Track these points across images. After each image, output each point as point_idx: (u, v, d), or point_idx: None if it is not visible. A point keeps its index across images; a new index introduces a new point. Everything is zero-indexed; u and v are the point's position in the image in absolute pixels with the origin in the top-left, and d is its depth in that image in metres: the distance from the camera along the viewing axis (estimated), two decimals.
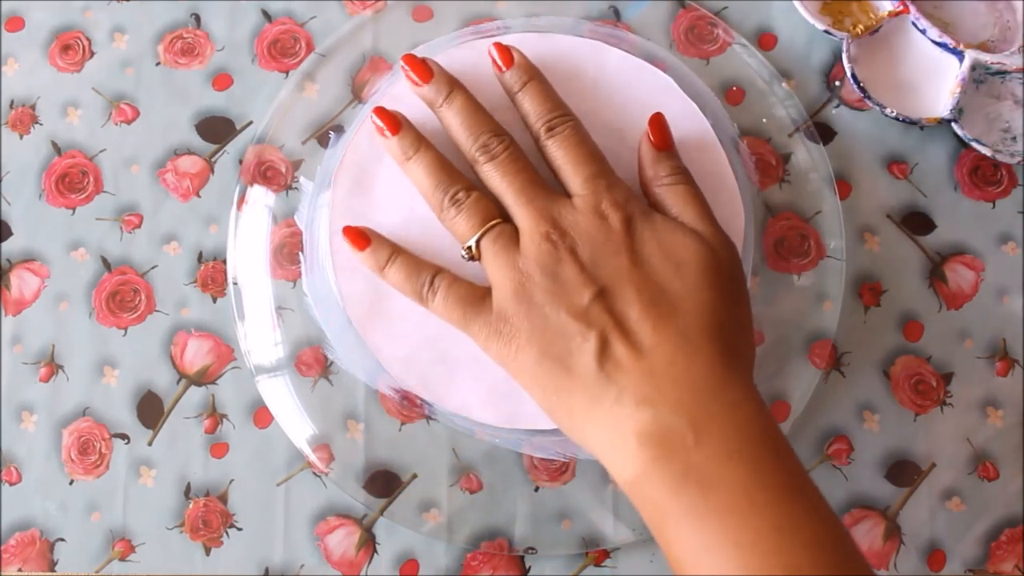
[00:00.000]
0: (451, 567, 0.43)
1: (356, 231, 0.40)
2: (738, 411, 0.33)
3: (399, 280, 0.39)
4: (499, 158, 0.38)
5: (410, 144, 0.39)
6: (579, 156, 0.38)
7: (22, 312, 0.45)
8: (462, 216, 0.38)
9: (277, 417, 0.43)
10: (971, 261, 0.46)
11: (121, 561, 0.43)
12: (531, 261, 0.36)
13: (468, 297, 0.37)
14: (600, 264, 0.36)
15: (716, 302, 0.36)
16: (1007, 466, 0.44)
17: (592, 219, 0.37)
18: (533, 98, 0.39)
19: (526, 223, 0.37)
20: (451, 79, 0.40)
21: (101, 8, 0.49)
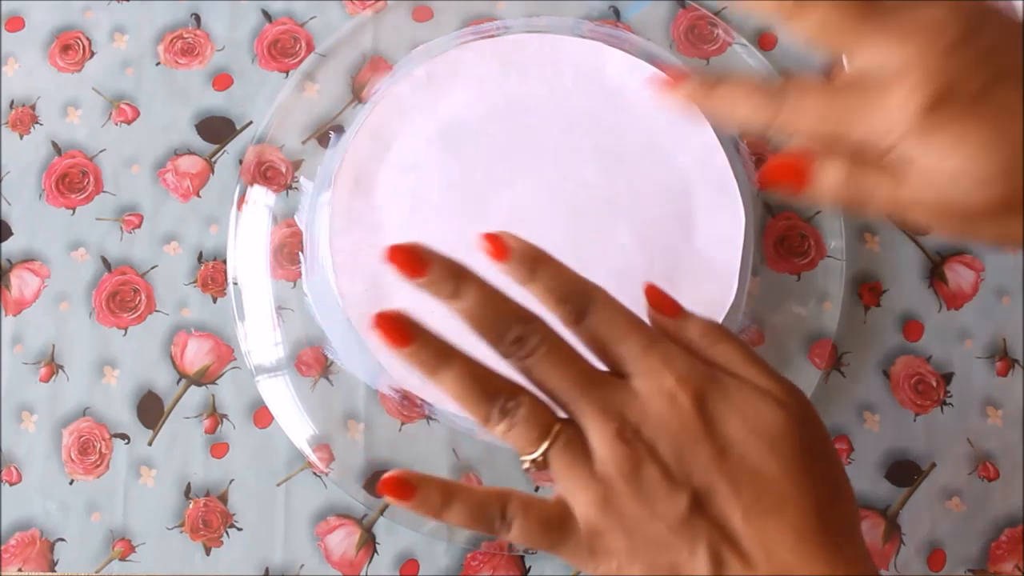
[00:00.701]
0: (451, 567, 0.43)
1: (398, 482, 0.33)
2: None
3: (463, 521, 0.33)
4: (538, 353, 0.33)
5: (433, 355, 0.33)
6: (622, 330, 0.34)
7: (22, 312, 0.45)
8: (518, 429, 0.33)
9: (277, 417, 0.43)
10: (971, 261, 0.46)
11: (121, 561, 0.43)
12: (610, 467, 0.32)
13: (550, 520, 0.33)
14: (685, 459, 0.32)
15: (818, 481, 0.32)
16: (1007, 466, 0.44)
17: (660, 404, 0.32)
18: (547, 284, 0.34)
19: (592, 424, 0.33)
20: (455, 268, 0.33)
21: (101, 8, 0.49)
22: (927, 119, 0.30)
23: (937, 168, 0.30)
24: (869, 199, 0.32)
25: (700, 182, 0.42)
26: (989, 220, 0.31)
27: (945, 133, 0.30)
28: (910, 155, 0.30)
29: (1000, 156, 0.30)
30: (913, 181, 0.31)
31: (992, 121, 0.30)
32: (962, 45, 0.30)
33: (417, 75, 0.44)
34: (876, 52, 0.31)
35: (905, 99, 0.30)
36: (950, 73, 0.30)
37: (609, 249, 0.41)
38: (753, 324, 0.43)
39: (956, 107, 0.29)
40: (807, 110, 0.32)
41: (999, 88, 0.30)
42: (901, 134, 0.30)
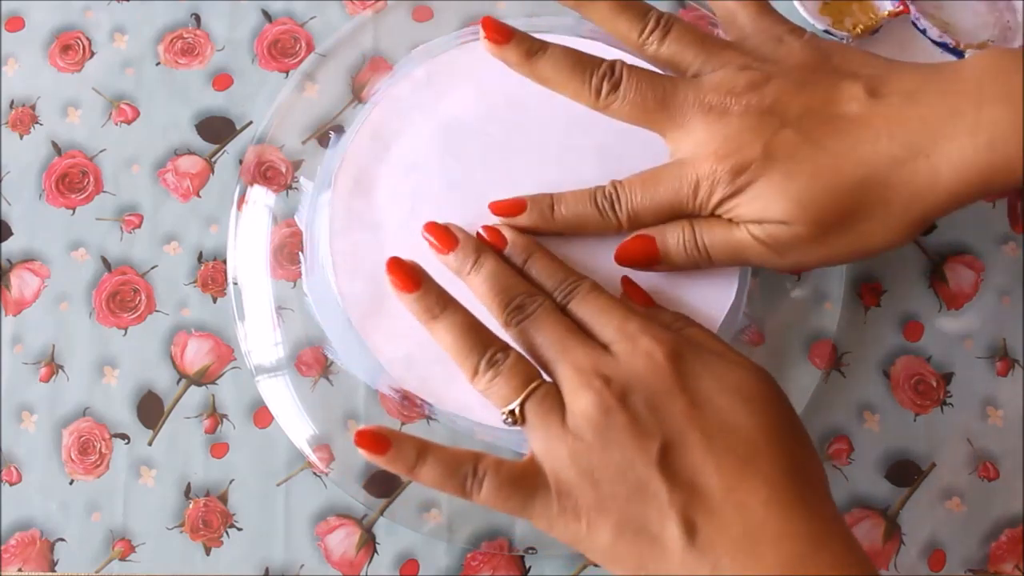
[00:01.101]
0: (451, 567, 0.43)
1: (373, 436, 0.34)
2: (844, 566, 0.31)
3: (435, 478, 0.34)
4: (533, 315, 0.36)
5: (434, 303, 0.36)
6: (604, 307, 0.36)
7: (22, 312, 0.45)
8: (500, 379, 0.34)
9: (277, 417, 0.43)
10: (971, 261, 0.46)
11: (121, 561, 0.43)
12: (580, 419, 0.33)
13: (520, 478, 0.33)
14: (658, 410, 0.33)
15: (790, 438, 0.33)
16: (1007, 466, 0.44)
17: (636, 361, 0.34)
18: (539, 273, 0.38)
19: (566, 375, 0.34)
20: (478, 244, 0.38)
21: (101, 8, 0.49)
22: (732, 184, 0.35)
23: (755, 216, 0.36)
24: (711, 250, 0.37)
25: None
26: (809, 249, 0.36)
27: (750, 191, 0.35)
28: (732, 212, 0.36)
29: (793, 198, 0.35)
30: (742, 228, 0.36)
31: (781, 172, 0.35)
32: (744, 112, 0.36)
33: (417, 75, 0.44)
34: (679, 136, 0.37)
35: (711, 173, 0.36)
36: (738, 140, 0.35)
37: (609, 249, 0.41)
38: (753, 324, 0.43)
39: (751, 168, 0.35)
40: (643, 204, 0.37)
41: (781, 138, 0.35)
42: (718, 199, 0.36)
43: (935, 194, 0.34)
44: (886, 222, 0.35)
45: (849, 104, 0.35)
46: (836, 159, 0.35)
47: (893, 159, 0.34)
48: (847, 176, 0.35)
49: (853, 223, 0.35)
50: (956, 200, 0.35)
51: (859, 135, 0.35)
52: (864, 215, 0.35)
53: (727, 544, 0.31)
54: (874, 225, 0.35)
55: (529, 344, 0.36)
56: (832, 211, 0.35)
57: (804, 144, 0.35)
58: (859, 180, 0.34)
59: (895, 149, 0.34)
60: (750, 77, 0.36)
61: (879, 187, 0.34)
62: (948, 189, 0.34)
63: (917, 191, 0.34)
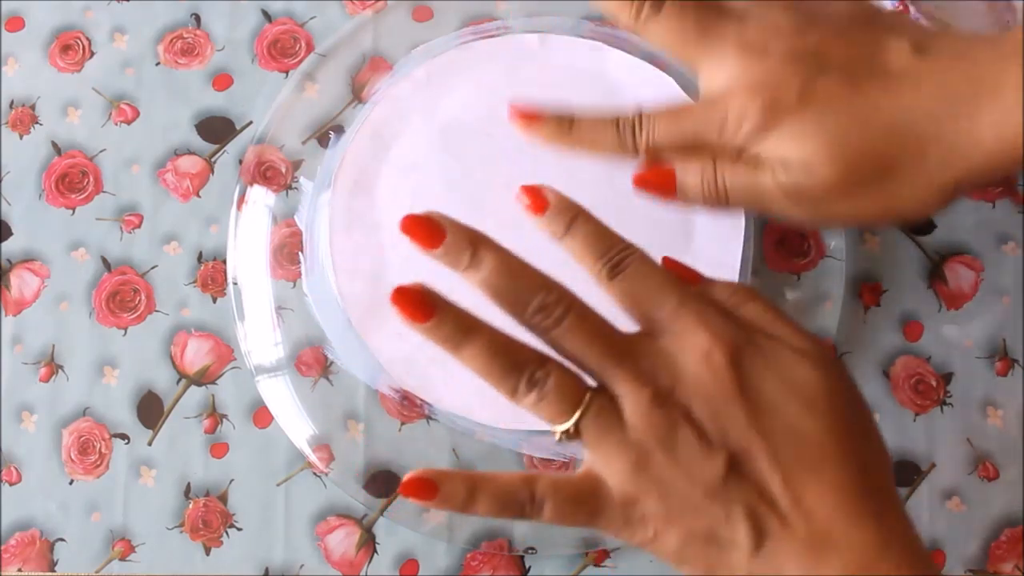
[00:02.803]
0: (451, 567, 0.43)
1: (419, 483, 0.32)
2: (907, 570, 0.31)
3: (491, 511, 0.32)
4: (565, 322, 0.32)
5: (454, 329, 0.32)
6: (657, 287, 0.33)
7: (22, 312, 0.45)
8: (547, 402, 0.32)
9: (277, 417, 0.43)
10: (971, 261, 0.46)
11: (121, 561, 0.43)
12: (644, 433, 0.31)
13: (581, 494, 0.32)
14: (721, 420, 0.31)
15: (857, 439, 0.32)
16: (1007, 466, 0.44)
17: (694, 364, 0.32)
18: (584, 240, 0.34)
19: (625, 390, 0.32)
20: (472, 235, 0.33)
21: (101, 8, 0.49)
22: (762, 121, 0.34)
23: (780, 159, 0.34)
24: (730, 191, 0.36)
25: None
26: (834, 200, 0.35)
27: (779, 130, 0.34)
28: (758, 151, 0.35)
29: (825, 142, 0.34)
30: (766, 171, 0.35)
31: (815, 115, 0.34)
32: (784, 53, 0.35)
33: (417, 75, 0.44)
34: (714, 69, 0.36)
35: (742, 108, 0.34)
36: (775, 79, 0.34)
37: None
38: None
39: (784, 107, 0.34)
40: (664, 135, 0.36)
41: (821, 83, 0.34)
42: (745, 137, 0.35)
43: (973, 156, 0.33)
44: (917, 181, 0.34)
45: (894, 57, 0.34)
46: (875, 108, 0.34)
47: (934, 114, 0.33)
48: (883, 125, 0.34)
49: (885, 177, 0.34)
50: (994, 166, 0.34)
51: (901, 88, 0.34)
52: (896, 170, 0.34)
53: (792, 552, 0.31)
54: (906, 183, 0.34)
55: (567, 353, 0.33)
56: (863, 160, 0.34)
57: (843, 90, 0.34)
58: (896, 131, 0.34)
59: (937, 105, 0.33)
60: (794, 21, 0.35)
61: (916, 141, 0.33)
62: (987, 152, 0.33)
63: (955, 150, 0.33)
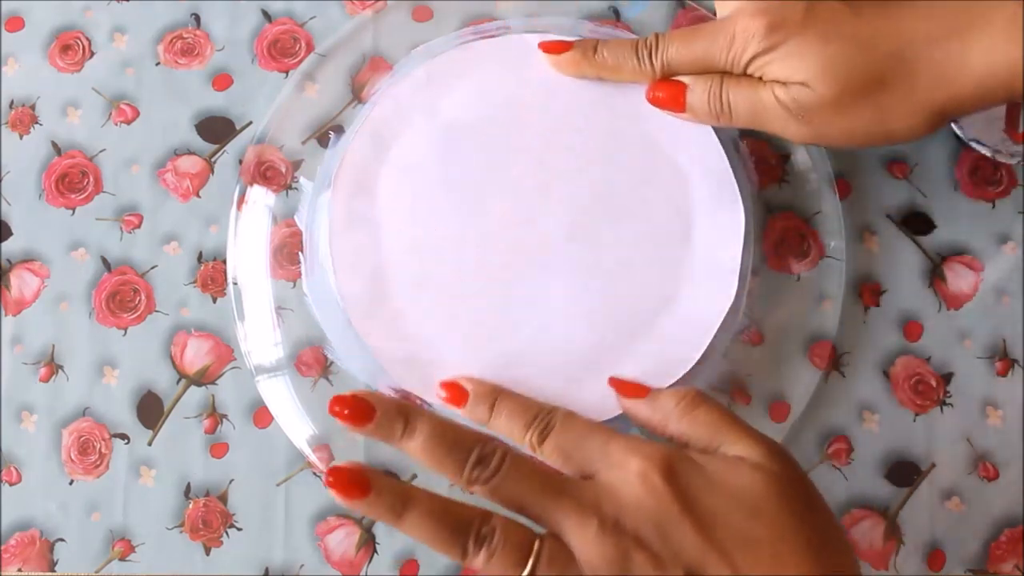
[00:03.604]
0: (451, 567, 0.43)
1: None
2: None
3: None
4: (502, 469, 0.33)
5: (394, 501, 0.33)
6: (582, 434, 0.34)
7: (22, 312, 0.45)
8: (498, 557, 0.32)
9: (277, 417, 0.43)
10: (971, 261, 0.46)
11: (121, 561, 0.43)
12: (599, 568, 0.31)
13: None
14: (671, 539, 0.32)
15: (811, 528, 0.33)
16: (1007, 466, 0.44)
17: (633, 489, 0.32)
18: (510, 415, 0.36)
19: (571, 526, 0.32)
20: (402, 406, 0.34)
21: (101, 8, 0.49)
22: (766, 40, 0.37)
23: (782, 75, 0.37)
24: (733, 107, 0.39)
25: (700, 182, 0.42)
26: (829, 117, 0.37)
27: (782, 49, 0.37)
28: (762, 69, 0.38)
29: (824, 60, 0.36)
30: (768, 87, 0.38)
31: (817, 33, 0.37)
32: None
33: (417, 75, 0.44)
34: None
35: (748, 28, 0.37)
36: (781, 2, 0.37)
37: (609, 249, 0.41)
38: (753, 324, 0.43)
39: (788, 27, 0.37)
40: (677, 55, 0.40)
41: (823, 6, 0.37)
42: (751, 55, 0.38)
43: (962, 80, 0.36)
44: (909, 100, 0.36)
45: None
46: (873, 28, 0.36)
47: (928, 36, 0.36)
48: (881, 44, 0.36)
49: (877, 94, 0.36)
50: (981, 94, 0.36)
51: (900, 14, 0.36)
52: (890, 87, 0.36)
53: None
54: (897, 101, 0.37)
55: (509, 501, 0.33)
56: (858, 76, 0.36)
57: (844, 12, 0.37)
58: (892, 50, 0.36)
59: (932, 27, 0.36)
60: None
61: (910, 60, 0.36)
62: (976, 77, 0.35)
63: (946, 72, 0.36)
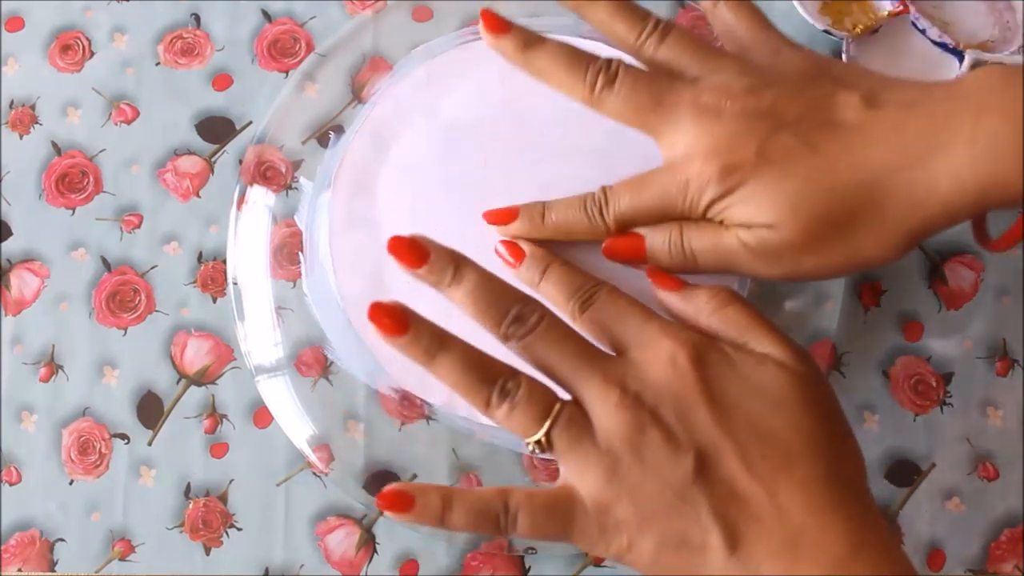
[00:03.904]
0: (451, 567, 0.43)
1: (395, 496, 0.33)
2: (884, 568, 0.31)
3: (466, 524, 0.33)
4: (538, 329, 0.34)
5: (429, 342, 0.33)
6: (621, 310, 0.35)
7: (22, 312, 0.45)
8: (518, 411, 0.33)
9: (277, 417, 0.43)
10: (971, 261, 0.46)
11: (121, 561, 0.43)
12: (613, 438, 0.32)
13: (554, 506, 0.33)
14: (689, 421, 0.32)
15: (827, 438, 0.33)
16: (1007, 466, 0.44)
17: (660, 369, 0.33)
18: (557, 282, 0.37)
19: (592, 396, 0.33)
20: (453, 254, 0.35)
21: (101, 8, 0.49)
22: (722, 184, 0.35)
23: (743, 220, 0.35)
24: (697, 254, 0.37)
25: None
26: (799, 257, 0.35)
27: (739, 192, 0.35)
28: (722, 214, 0.35)
29: (786, 201, 0.34)
30: (731, 232, 0.36)
31: (773, 175, 0.34)
32: (738, 114, 0.35)
33: (417, 75, 0.44)
34: (672, 135, 0.36)
35: (701, 173, 0.35)
36: (731, 141, 0.35)
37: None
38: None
39: (742, 169, 0.34)
40: (630, 207, 0.37)
41: (776, 142, 0.34)
42: (708, 200, 0.35)
43: (931, 205, 0.33)
44: (880, 232, 0.34)
45: (846, 112, 0.35)
46: (831, 163, 0.34)
47: (890, 166, 0.34)
48: (842, 180, 0.34)
49: (846, 231, 0.34)
50: (952, 213, 0.34)
51: (855, 141, 0.34)
52: (858, 223, 0.34)
53: (767, 552, 0.31)
54: (867, 234, 0.34)
55: (539, 361, 0.34)
56: (825, 216, 0.34)
57: (799, 147, 0.34)
58: (854, 185, 0.34)
59: (892, 156, 0.34)
60: (747, 82, 0.36)
61: (875, 194, 0.34)
62: (944, 200, 0.33)
63: (913, 200, 0.34)
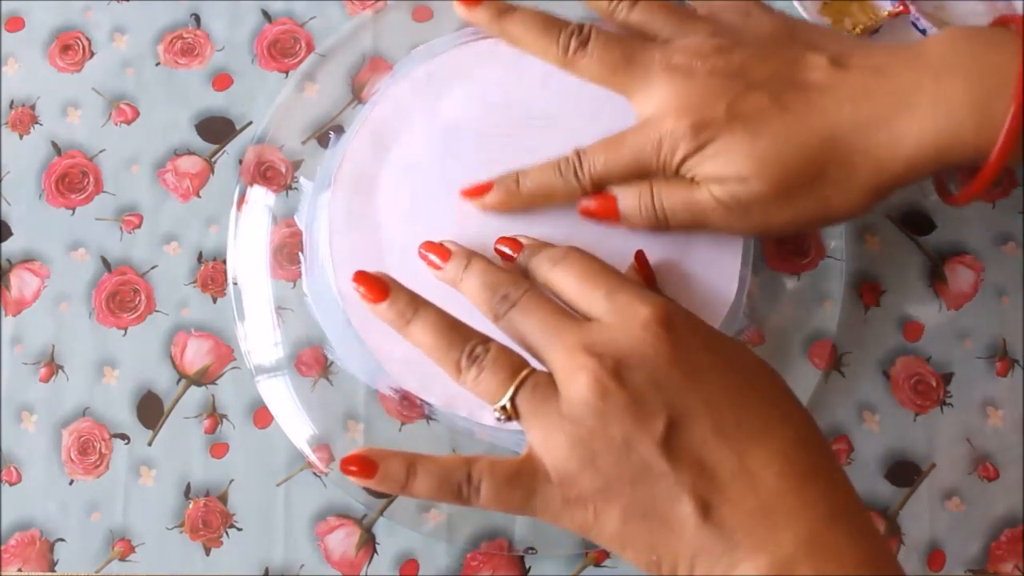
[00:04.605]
0: (451, 567, 0.43)
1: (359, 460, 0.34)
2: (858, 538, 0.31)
3: (429, 491, 0.33)
4: (519, 301, 0.34)
5: (405, 306, 0.35)
6: (587, 274, 0.35)
7: (22, 312, 0.45)
8: (486, 374, 0.33)
9: (277, 417, 0.43)
10: (971, 261, 0.46)
11: (121, 561, 0.43)
12: (576, 404, 0.31)
13: (517, 475, 0.32)
14: (658, 384, 0.31)
15: (797, 412, 0.33)
16: (1007, 466, 0.44)
17: (629, 331, 0.32)
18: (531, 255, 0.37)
19: (557, 359, 0.32)
20: (466, 251, 0.37)
21: (101, 8, 0.49)
22: (694, 140, 0.36)
23: (715, 175, 0.36)
24: (668, 211, 0.37)
25: None
26: (770, 209, 0.36)
27: (711, 148, 0.36)
28: (694, 170, 0.36)
29: (757, 156, 0.35)
30: (703, 187, 0.37)
31: (744, 131, 0.35)
32: (709, 72, 0.36)
33: (417, 75, 0.44)
34: (644, 94, 0.37)
35: (673, 129, 0.36)
36: (702, 98, 0.36)
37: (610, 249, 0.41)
38: (753, 324, 0.43)
39: (714, 125, 0.36)
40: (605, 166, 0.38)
41: (747, 100, 0.36)
42: (680, 157, 0.36)
43: (895, 162, 0.35)
44: (846, 186, 0.36)
45: (814, 73, 0.36)
46: (801, 121, 0.35)
47: (856, 125, 0.35)
48: (811, 136, 0.35)
49: (815, 185, 0.36)
50: (914, 171, 0.35)
51: (824, 101, 0.35)
52: (826, 177, 0.36)
53: (741, 518, 0.30)
54: (835, 188, 0.36)
55: (518, 333, 0.34)
56: (795, 170, 0.35)
57: (769, 105, 0.35)
58: (823, 141, 0.35)
59: (858, 116, 0.35)
60: (717, 42, 0.37)
61: (842, 151, 0.35)
62: (908, 158, 0.35)
63: (878, 158, 0.35)
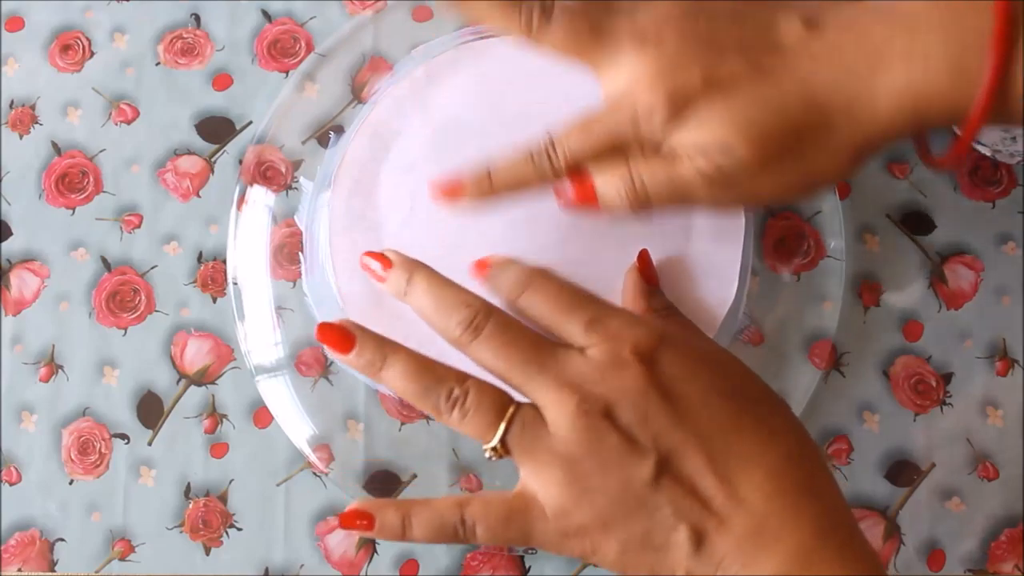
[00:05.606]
0: (451, 567, 0.43)
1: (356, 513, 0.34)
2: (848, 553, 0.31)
3: (427, 538, 0.33)
4: (485, 330, 0.33)
5: (374, 354, 0.34)
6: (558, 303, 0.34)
7: (22, 312, 0.45)
8: (472, 416, 0.33)
9: (277, 417, 0.43)
10: (971, 261, 0.46)
11: (121, 561, 0.43)
12: (571, 443, 0.32)
13: (510, 513, 0.33)
14: (649, 422, 0.32)
15: (787, 428, 0.33)
16: (1007, 466, 0.44)
17: (612, 367, 0.32)
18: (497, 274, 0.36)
19: (543, 396, 0.32)
20: (411, 262, 0.36)
21: (101, 8, 0.49)
22: (671, 111, 0.34)
23: (697, 145, 0.34)
24: (650, 190, 0.35)
25: None
26: (756, 178, 0.34)
27: (691, 116, 0.34)
28: (673, 143, 0.34)
29: (737, 124, 0.33)
30: (684, 161, 0.34)
31: (722, 98, 0.33)
32: (679, 39, 0.34)
33: (417, 75, 0.44)
34: (613, 67, 0.35)
35: (648, 101, 0.34)
36: (675, 66, 0.34)
37: (609, 249, 0.41)
38: (753, 324, 0.43)
39: (691, 94, 0.33)
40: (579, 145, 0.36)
41: (723, 65, 0.34)
42: (658, 130, 0.34)
43: (874, 121, 0.34)
44: (829, 149, 0.34)
45: (788, 35, 0.35)
46: (778, 84, 0.34)
47: (833, 85, 0.34)
48: (790, 99, 0.34)
49: (798, 150, 0.34)
50: (894, 127, 0.34)
51: (798, 62, 0.34)
52: (808, 141, 0.34)
53: (732, 544, 0.31)
54: (818, 152, 0.34)
55: (490, 364, 0.33)
56: (777, 135, 0.34)
57: (744, 70, 0.34)
58: (802, 102, 0.34)
59: (834, 75, 0.34)
60: (685, 7, 0.35)
61: (822, 112, 0.34)
62: (886, 116, 0.34)
63: (857, 117, 0.34)
